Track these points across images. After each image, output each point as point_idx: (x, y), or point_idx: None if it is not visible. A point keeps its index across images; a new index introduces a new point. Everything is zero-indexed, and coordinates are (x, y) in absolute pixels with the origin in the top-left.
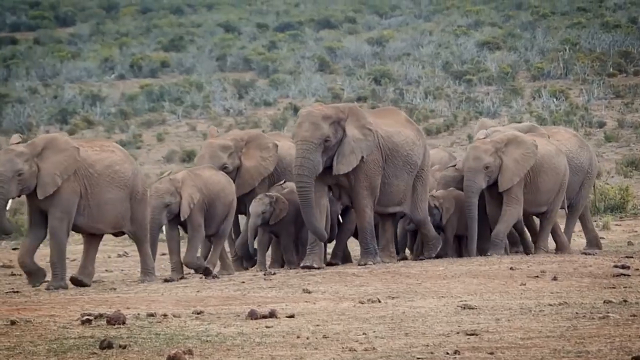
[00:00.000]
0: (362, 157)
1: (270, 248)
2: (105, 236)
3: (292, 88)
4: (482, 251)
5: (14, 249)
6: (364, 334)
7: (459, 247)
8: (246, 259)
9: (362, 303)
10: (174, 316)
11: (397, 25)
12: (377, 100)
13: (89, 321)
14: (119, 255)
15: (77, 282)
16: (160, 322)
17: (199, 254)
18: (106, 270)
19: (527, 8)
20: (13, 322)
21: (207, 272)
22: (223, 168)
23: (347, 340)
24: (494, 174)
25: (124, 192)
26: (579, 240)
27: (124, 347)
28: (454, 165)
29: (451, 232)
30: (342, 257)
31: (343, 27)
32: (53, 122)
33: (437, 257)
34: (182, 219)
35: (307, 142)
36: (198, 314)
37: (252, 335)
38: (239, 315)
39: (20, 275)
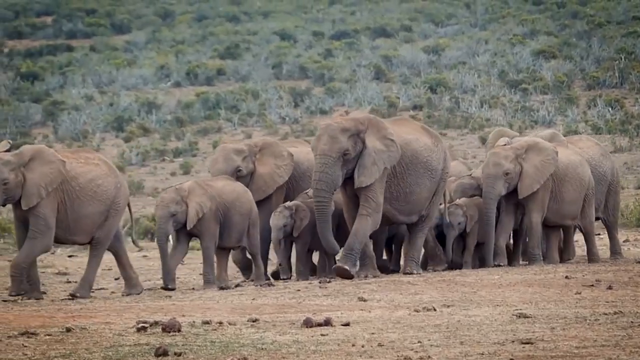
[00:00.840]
0: (386, 168)
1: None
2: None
3: (348, 96)
4: (482, 260)
5: (69, 257)
6: (419, 342)
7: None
8: (243, 269)
9: (418, 311)
10: (230, 324)
11: (453, 34)
12: (433, 109)
13: (144, 328)
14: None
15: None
16: (215, 329)
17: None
18: (147, 280)
19: (583, 17)
20: (69, 329)
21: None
22: (237, 171)
23: (402, 349)
24: (513, 180)
25: (105, 206)
26: (634, 250)
27: (179, 355)
28: (470, 174)
29: (473, 240)
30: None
31: (399, 36)
32: (109, 129)
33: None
34: (188, 228)
35: (326, 156)
36: (253, 321)
37: (307, 343)
38: (294, 323)
39: (76, 282)
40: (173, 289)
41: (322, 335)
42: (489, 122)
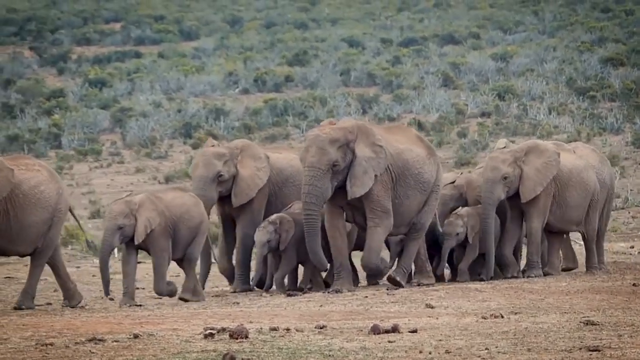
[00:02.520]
0: (376, 176)
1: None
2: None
3: (416, 103)
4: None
5: (137, 263)
6: (486, 349)
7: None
8: (229, 278)
9: (485, 318)
10: (297, 330)
11: (521, 41)
12: (501, 116)
13: (211, 335)
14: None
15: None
16: (283, 336)
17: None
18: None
19: None
20: (136, 336)
21: (182, 299)
22: (218, 176)
23: (470, 356)
24: (513, 184)
25: (48, 213)
26: None
27: None
28: (453, 182)
29: (474, 251)
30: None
31: (467, 43)
32: (177, 136)
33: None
34: (135, 243)
35: (315, 168)
36: (321, 328)
37: (375, 350)
38: (361, 330)
39: (143, 288)
40: (113, 299)
41: (389, 342)
42: (557, 129)
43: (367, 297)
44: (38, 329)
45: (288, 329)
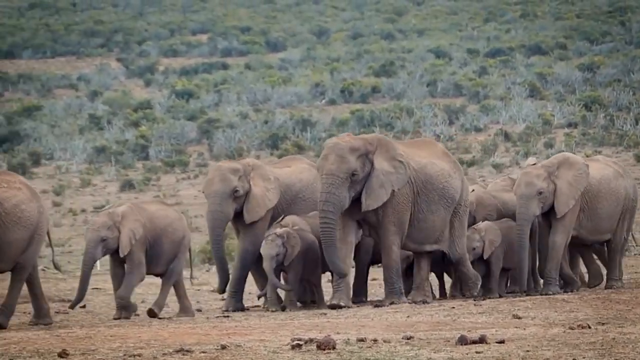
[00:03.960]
0: (393, 191)
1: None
2: None
3: (503, 114)
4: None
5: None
6: (573, 359)
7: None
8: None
9: (572, 329)
10: (384, 341)
11: (608, 51)
12: (588, 126)
13: (299, 346)
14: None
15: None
16: (370, 347)
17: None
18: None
19: None
20: (224, 347)
21: (150, 314)
22: (234, 192)
23: None
24: (548, 200)
25: (29, 232)
26: None
27: None
28: None
29: (497, 265)
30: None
31: (554, 53)
32: (263, 147)
33: (483, 293)
34: (121, 255)
35: (333, 176)
36: (408, 339)
37: None
38: (449, 341)
39: (222, 299)
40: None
41: (476, 352)
42: None
43: (454, 307)
44: (126, 340)
45: (375, 340)
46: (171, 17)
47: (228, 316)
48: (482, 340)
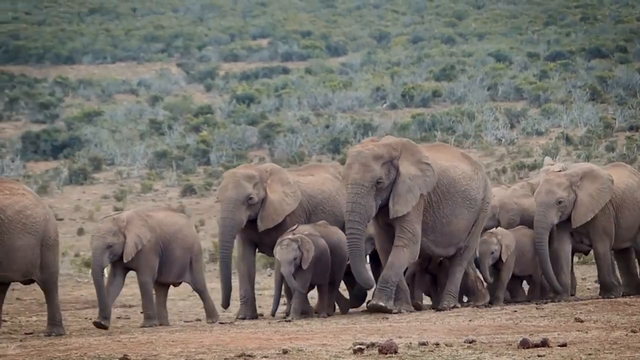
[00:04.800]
0: (422, 195)
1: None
2: None
3: (564, 117)
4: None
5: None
6: None
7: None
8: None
9: (635, 332)
10: (446, 345)
11: None
12: None
13: (360, 350)
14: None
15: None
16: (432, 351)
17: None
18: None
19: None
20: (285, 351)
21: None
22: (248, 199)
23: None
24: (567, 209)
25: (35, 239)
26: None
27: None
28: None
29: (507, 273)
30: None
31: (614, 56)
32: (325, 151)
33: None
34: (125, 261)
35: (358, 185)
36: (470, 342)
37: None
38: (510, 344)
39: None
40: (106, 328)
41: (538, 356)
42: None
43: (516, 311)
44: (187, 345)
45: (437, 344)
46: (231, 22)
47: (289, 320)
48: (544, 343)
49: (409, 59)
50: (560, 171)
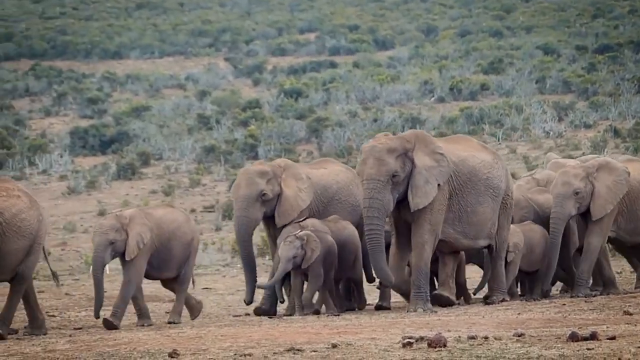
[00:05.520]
0: (439, 185)
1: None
2: None
3: (612, 110)
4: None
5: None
6: None
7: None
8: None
9: None
10: (495, 339)
11: None
12: None
13: (410, 344)
14: None
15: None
16: (481, 344)
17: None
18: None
19: None
20: (334, 345)
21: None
22: (262, 196)
23: None
24: (584, 200)
25: (28, 241)
26: None
27: None
28: None
29: (514, 269)
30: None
31: None
32: None
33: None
34: (127, 259)
35: (374, 180)
36: (519, 336)
37: (573, 357)
38: (559, 338)
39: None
40: (117, 326)
41: (587, 349)
42: None
43: (564, 304)
44: (236, 340)
45: (486, 337)
46: (279, 16)
47: (339, 315)
48: (593, 336)
49: (456, 53)
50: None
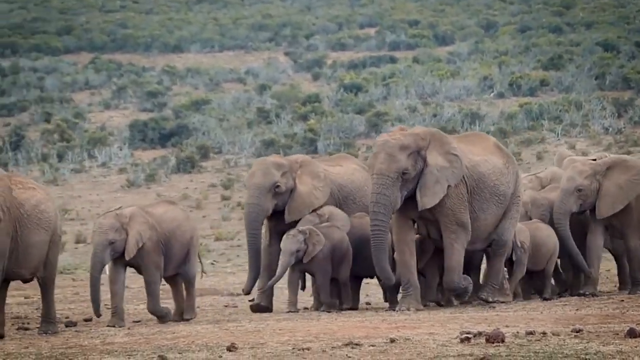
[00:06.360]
0: (449, 187)
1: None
2: None
3: None
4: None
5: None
6: None
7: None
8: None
9: None
10: (553, 334)
11: None
12: None
13: (468, 339)
14: None
15: None
16: (539, 340)
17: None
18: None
19: None
20: (392, 340)
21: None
22: (275, 187)
23: None
24: (588, 198)
25: (48, 235)
26: None
27: None
28: None
29: (521, 270)
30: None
31: None
32: None
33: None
34: (127, 258)
35: (383, 176)
36: (577, 332)
37: (631, 353)
38: (617, 334)
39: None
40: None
41: None
42: None
43: (623, 300)
44: (295, 334)
45: (544, 333)
46: (339, 10)
47: (395, 309)
48: None
49: (516, 48)
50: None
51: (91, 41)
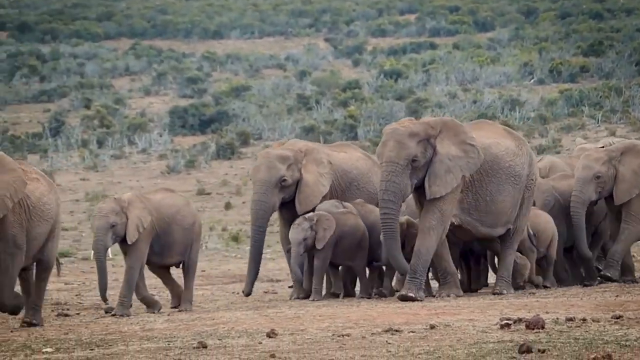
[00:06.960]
0: (464, 177)
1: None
2: None
3: None
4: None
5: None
6: None
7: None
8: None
9: None
10: (593, 320)
11: None
12: None
13: (507, 325)
14: None
15: None
16: (579, 326)
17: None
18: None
19: None
20: (432, 326)
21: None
22: (281, 181)
23: None
24: (607, 184)
25: (49, 226)
26: None
27: (543, 352)
28: None
29: (532, 255)
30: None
31: None
32: None
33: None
34: (129, 242)
35: (393, 163)
36: (617, 318)
37: None
38: None
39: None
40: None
41: None
42: None
43: None
44: (334, 320)
45: (584, 319)
46: None
47: (434, 296)
48: None
49: (556, 35)
50: (602, 147)
51: (131, 27)
